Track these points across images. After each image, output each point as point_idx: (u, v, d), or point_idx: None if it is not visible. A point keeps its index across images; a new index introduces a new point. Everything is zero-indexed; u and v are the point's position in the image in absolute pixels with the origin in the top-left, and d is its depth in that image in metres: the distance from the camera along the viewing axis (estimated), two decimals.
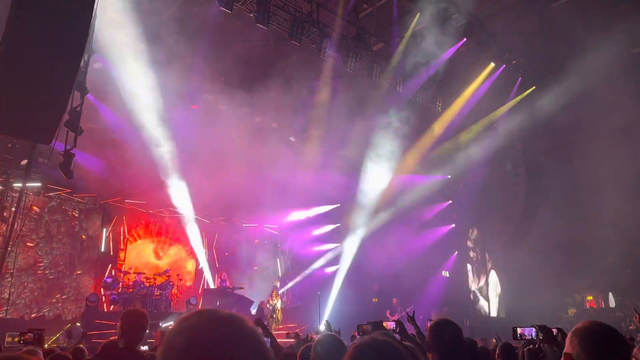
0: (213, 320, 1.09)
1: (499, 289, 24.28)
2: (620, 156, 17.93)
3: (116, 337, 3.35)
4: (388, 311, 18.56)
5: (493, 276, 24.48)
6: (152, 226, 18.51)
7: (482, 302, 23.62)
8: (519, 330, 5.44)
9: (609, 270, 21.88)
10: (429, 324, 3.10)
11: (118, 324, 3.31)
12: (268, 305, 16.05)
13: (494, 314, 23.60)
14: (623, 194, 18.69)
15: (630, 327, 18.87)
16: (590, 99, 17.32)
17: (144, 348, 7.84)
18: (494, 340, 10.15)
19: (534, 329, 5.24)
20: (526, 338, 5.20)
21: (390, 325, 5.07)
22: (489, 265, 24.65)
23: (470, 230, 24.79)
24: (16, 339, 6.43)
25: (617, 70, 16.26)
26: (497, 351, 4.36)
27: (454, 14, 14.15)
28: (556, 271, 21.23)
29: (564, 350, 1.88)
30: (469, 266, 24.19)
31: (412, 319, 5.22)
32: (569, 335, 1.90)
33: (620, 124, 17.47)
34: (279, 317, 15.74)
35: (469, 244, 24.68)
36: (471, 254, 24.62)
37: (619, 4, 14.88)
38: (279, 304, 15.84)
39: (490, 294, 24.09)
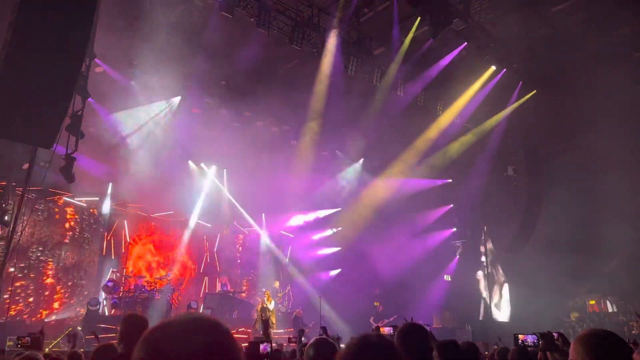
0: (171, 334, 1.10)
1: (507, 294, 24.18)
2: (623, 162, 17.90)
3: (115, 341, 3.36)
4: (372, 318, 18.45)
5: (503, 281, 24.39)
6: (154, 230, 18.52)
7: (491, 307, 23.52)
8: (520, 337, 5.43)
9: (612, 274, 21.80)
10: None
11: (118, 328, 3.32)
12: (260, 307, 15.82)
13: (504, 319, 23.48)
14: (626, 198, 18.65)
15: (633, 332, 18.80)
16: (592, 104, 17.31)
17: None
18: (495, 347, 10.10)
19: (535, 336, 5.23)
20: (527, 345, 5.19)
21: (387, 330, 5.06)
22: (497, 270, 24.58)
23: (476, 234, 24.75)
24: (13, 343, 6.43)
25: (619, 75, 16.26)
26: (495, 356, 4.34)
27: (455, 18, 14.14)
28: (559, 275, 21.16)
29: (570, 358, 1.92)
30: (480, 272, 24.14)
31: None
32: (572, 342, 1.95)
33: (623, 130, 17.45)
34: (273, 320, 15.51)
35: (482, 249, 24.64)
36: (478, 257, 24.58)
37: (621, 9, 14.87)
38: (271, 306, 15.67)
39: (502, 301, 24.01)
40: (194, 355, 1.07)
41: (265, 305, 15.33)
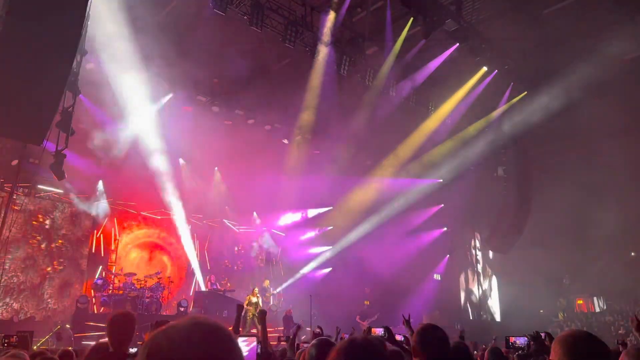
0: (173, 339, 1.12)
1: (496, 293, 24.41)
2: (614, 163, 18.09)
3: (106, 339, 3.35)
4: (358, 316, 18.51)
5: (493, 280, 24.62)
6: (144, 228, 18.42)
7: (480, 306, 23.70)
8: (511, 339, 5.50)
9: (599, 274, 22.05)
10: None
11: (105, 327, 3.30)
12: (246, 302, 15.68)
13: (493, 318, 23.70)
14: (615, 200, 18.86)
15: (620, 332, 19.02)
16: (582, 105, 17.46)
17: (133, 350, 7.77)
18: (483, 346, 10.16)
19: (526, 338, 5.29)
20: (518, 346, 5.25)
21: (378, 331, 5.08)
22: (487, 270, 24.81)
23: (466, 234, 24.94)
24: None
25: (609, 76, 16.40)
26: (485, 355, 4.37)
27: (447, 19, 14.21)
28: (547, 275, 21.37)
29: (550, 357, 1.97)
30: (469, 271, 24.36)
31: (407, 323, 5.28)
32: (553, 342, 2.00)
33: (611, 130, 17.62)
34: (254, 312, 15.40)
35: (471, 248, 24.88)
36: (468, 257, 24.79)
37: (612, 11, 15.01)
38: (254, 299, 15.60)
39: (490, 300, 24.22)
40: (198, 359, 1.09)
41: (250, 300, 15.30)
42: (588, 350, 1.94)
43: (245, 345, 5.09)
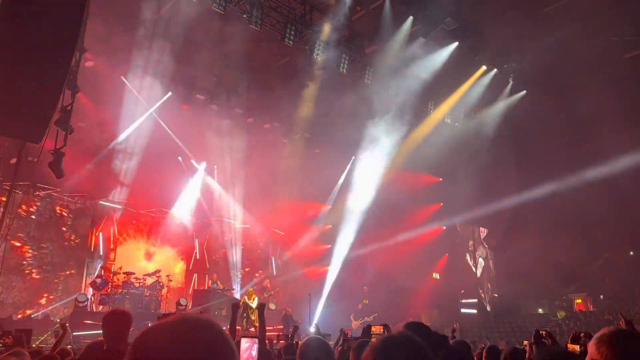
0: (162, 337, 1.10)
1: (495, 293, 24.50)
2: (612, 162, 18.08)
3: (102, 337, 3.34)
4: (352, 315, 18.65)
5: (492, 279, 24.72)
6: (143, 226, 18.39)
7: (479, 305, 23.82)
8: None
9: (598, 273, 22.07)
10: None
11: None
12: (241, 304, 15.64)
13: (495, 317, 23.80)
14: (612, 200, 18.85)
15: None
16: (583, 104, 17.45)
17: None
18: (482, 345, 10.16)
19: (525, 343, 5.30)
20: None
21: (378, 329, 5.07)
22: (486, 268, 24.91)
23: (465, 233, 24.95)
24: None
25: (609, 75, 16.39)
26: (483, 353, 4.37)
27: (446, 18, 14.20)
28: (546, 274, 21.38)
29: (589, 357, 1.88)
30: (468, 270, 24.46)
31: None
32: (593, 342, 1.90)
33: (614, 129, 17.60)
34: (253, 318, 15.40)
35: (470, 247, 24.93)
36: (467, 255, 24.85)
37: (611, 10, 14.99)
38: (254, 304, 15.60)
39: (489, 298, 24.33)
40: (187, 357, 1.06)
41: (246, 302, 15.27)
42: (636, 349, 1.85)
43: (248, 345, 5.01)
